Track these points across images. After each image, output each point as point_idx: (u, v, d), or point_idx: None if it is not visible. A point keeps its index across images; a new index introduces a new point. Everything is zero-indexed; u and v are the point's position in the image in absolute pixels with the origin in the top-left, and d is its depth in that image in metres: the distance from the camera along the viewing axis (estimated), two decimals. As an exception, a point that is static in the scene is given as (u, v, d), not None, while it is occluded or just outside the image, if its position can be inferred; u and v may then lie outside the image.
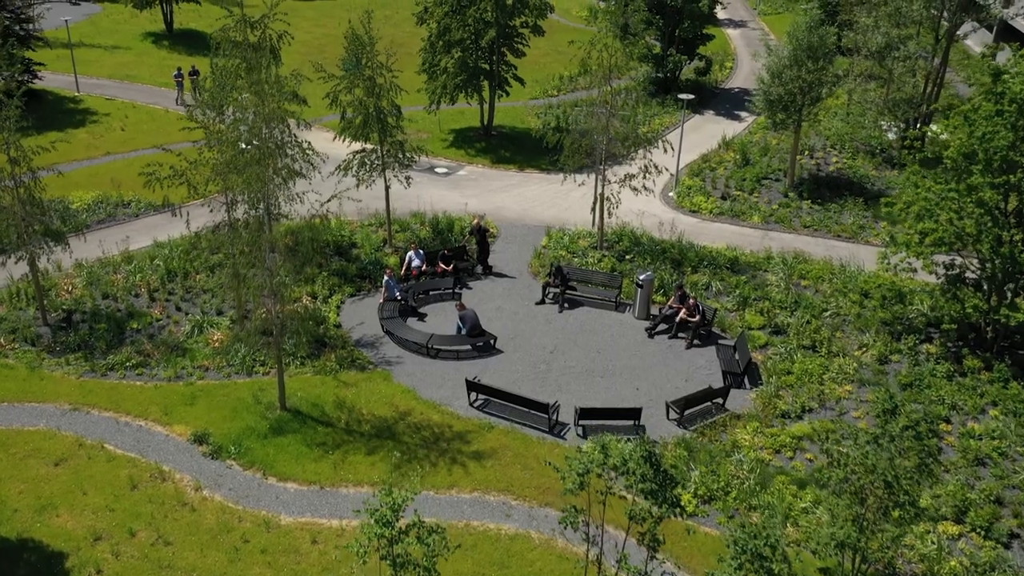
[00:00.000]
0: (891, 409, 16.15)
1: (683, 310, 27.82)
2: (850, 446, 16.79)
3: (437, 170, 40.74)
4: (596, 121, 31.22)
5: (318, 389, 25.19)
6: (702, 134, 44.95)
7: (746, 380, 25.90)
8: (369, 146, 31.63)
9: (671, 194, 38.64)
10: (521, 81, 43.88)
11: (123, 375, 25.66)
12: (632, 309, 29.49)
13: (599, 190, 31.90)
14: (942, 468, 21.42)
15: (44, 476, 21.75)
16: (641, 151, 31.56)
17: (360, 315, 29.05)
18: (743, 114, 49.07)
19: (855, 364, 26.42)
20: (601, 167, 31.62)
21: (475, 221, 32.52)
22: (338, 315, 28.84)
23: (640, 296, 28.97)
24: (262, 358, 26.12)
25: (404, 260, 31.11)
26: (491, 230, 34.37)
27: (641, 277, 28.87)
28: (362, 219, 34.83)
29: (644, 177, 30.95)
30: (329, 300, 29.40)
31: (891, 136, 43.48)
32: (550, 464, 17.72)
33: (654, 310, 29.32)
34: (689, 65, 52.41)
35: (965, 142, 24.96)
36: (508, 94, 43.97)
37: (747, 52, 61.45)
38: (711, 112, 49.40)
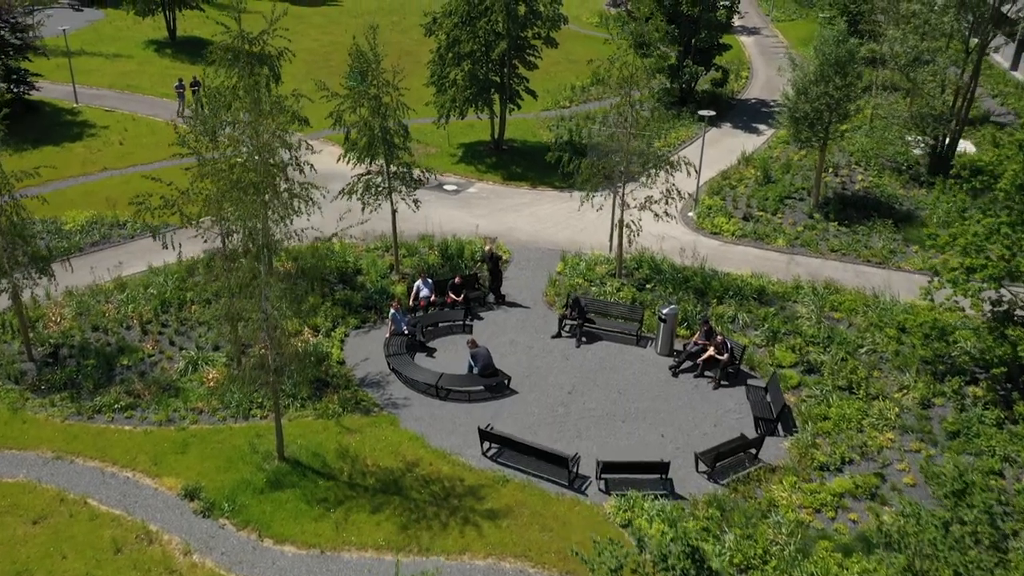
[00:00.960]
0: (961, 490, 14.37)
1: (711, 348, 25.98)
2: (912, 525, 15.00)
3: (446, 187, 38.98)
4: (616, 143, 29.35)
5: (319, 435, 23.40)
6: (720, 148, 43.17)
7: (780, 427, 24.08)
8: (375, 167, 29.81)
9: (691, 215, 36.83)
10: (533, 94, 42.15)
11: (111, 418, 23.91)
12: (655, 344, 27.69)
13: (618, 215, 30.08)
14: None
15: (21, 537, 19.97)
16: (663, 173, 29.65)
17: (365, 349, 27.26)
18: (761, 127, 47.35)
19: (896, 409, 24.56)
20: (619, 187, 29.80)
21: (487, 247, 30.74)
22: (342, 350, 27.05)
23: (663, 331, 27.13)
24: (260, 400, 24.37)
25: (412, 289, 29.31)
26: (503, 256, 32.55)
27: (664, 311, 27.04)
28: (368, 242, 33.07)
29: (666, 203, 29.12)
30: (332, 333, 27.61)
31: (917, 152, 41.63)
32: (577, 554, 15.85)
33: (678, 345, 27.52)
34: (705, 76, 50.60)
35: (1020, 172, 23.10)
36: (519, 107, 42.24)
37: (762, 60, 59.71)
38: (728, 125, 47.68)
